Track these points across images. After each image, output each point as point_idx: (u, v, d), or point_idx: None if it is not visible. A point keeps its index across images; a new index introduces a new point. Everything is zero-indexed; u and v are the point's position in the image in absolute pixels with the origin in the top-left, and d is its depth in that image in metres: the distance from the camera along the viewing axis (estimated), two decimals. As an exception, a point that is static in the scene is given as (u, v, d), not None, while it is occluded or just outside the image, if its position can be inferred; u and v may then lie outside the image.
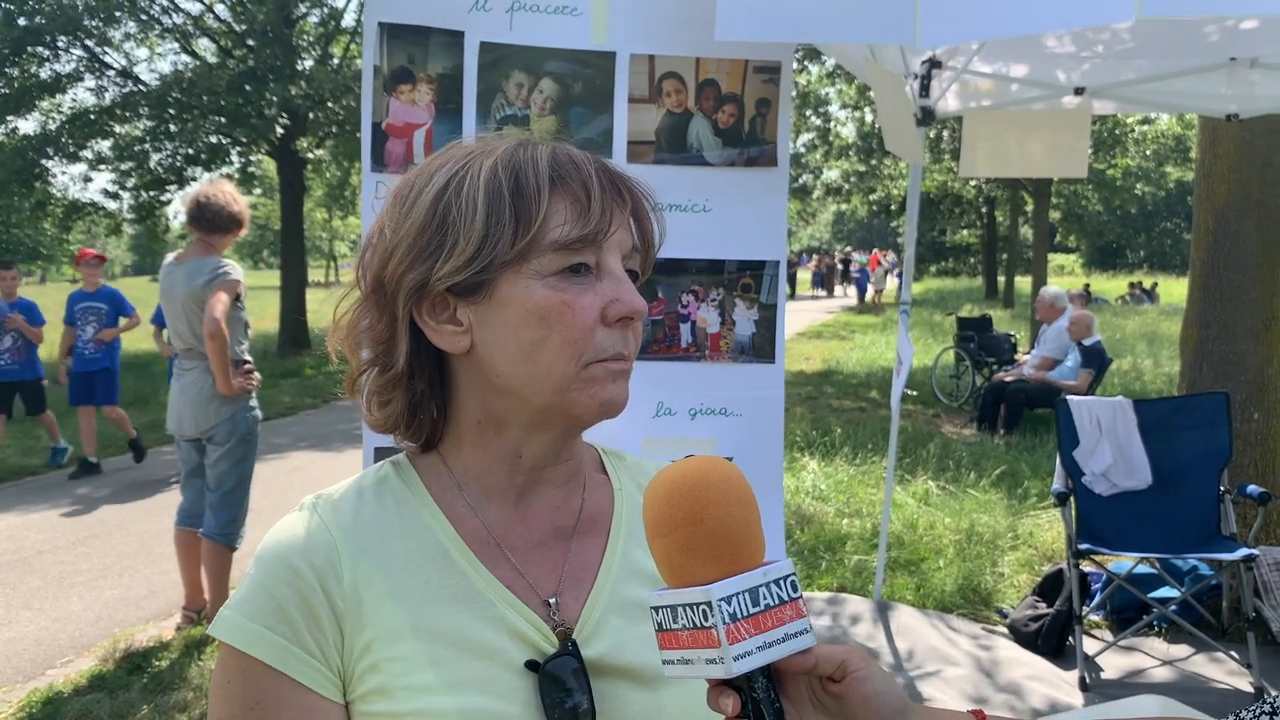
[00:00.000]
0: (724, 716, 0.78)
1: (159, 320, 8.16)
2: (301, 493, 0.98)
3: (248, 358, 4.91)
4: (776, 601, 0.78)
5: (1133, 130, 22.65)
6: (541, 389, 0.93)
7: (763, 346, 2.59)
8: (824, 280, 42.25)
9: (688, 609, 0.77)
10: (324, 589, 0.91)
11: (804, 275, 45.40)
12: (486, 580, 0.96)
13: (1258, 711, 0.88)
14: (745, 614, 0.76)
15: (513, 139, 0.98)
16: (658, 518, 0.80)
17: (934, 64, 4.69)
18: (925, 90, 4.70)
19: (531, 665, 0.93)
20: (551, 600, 0.97)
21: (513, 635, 0.94)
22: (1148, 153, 25.71)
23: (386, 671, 0.90)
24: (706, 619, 0.75)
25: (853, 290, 36.91)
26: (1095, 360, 9.79)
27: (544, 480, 1.02)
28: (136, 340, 22.48)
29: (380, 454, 2.21)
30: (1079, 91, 4.75)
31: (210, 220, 4.76)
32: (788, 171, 2.60)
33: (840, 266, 43.81)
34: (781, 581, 0.78)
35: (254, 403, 4.93)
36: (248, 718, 0.89)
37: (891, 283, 31.18)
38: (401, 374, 0.97)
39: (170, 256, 5.03)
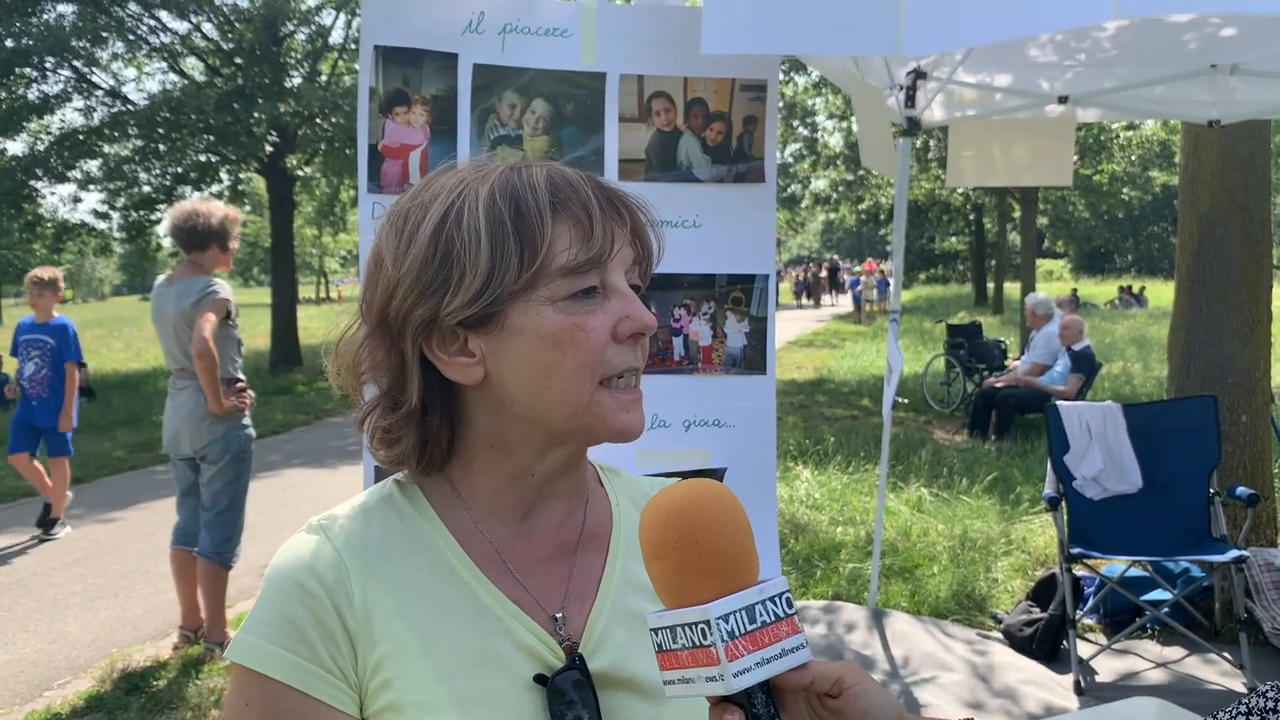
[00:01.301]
0: None
1: (16, 351, 7.12)
2: (296, 510, 0.99)
3: (241, 376, 4.91)
4: (773, 618, 0.80)
5: (1118, 136, 22.80)
6: (558, 413, 0.94)
7: (754, 358, 2.63)
8: (809, 290, 42.22)
9: (687, 629, 0.79)
10: (336, 608, 0.92)
11: (784, 285, 45.19)
12: (493, 596, 0.97)
13: (1234, 713, 0.91)
14: (743, 631, 0.78)
15: (503, 163, 0.98)
16: (654, 541, 0.82)
17: (919, 74, 4.74)
18: (911, 101, 4.74)
19: (540, 679, 0.94)
20: (558, 615, 0.99)
21: (520, 650, 0.95)
22: (1133, 158, 25.85)
23: (397, 688, 0.91)
24: (705, 637, 0.77)
25: (841, 299, 36.76)
26: (1085, 365, 9.84)
27: (551, 494, 1.03)
28: (127, 360, 22.45)
29: (380, 473, 2.24)
30: (1063, 100, 4.80)
31: (183, 238, 4.76)
32: (775, 187, 2.65)
33: (827, 275, 43.81)
34: (777, 598, 0.81)
35: (247, 421, 4.93)
36: None
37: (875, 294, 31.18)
38: (415, 410, 0.97)
39: (161, 277, 5.04)
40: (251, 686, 0.91)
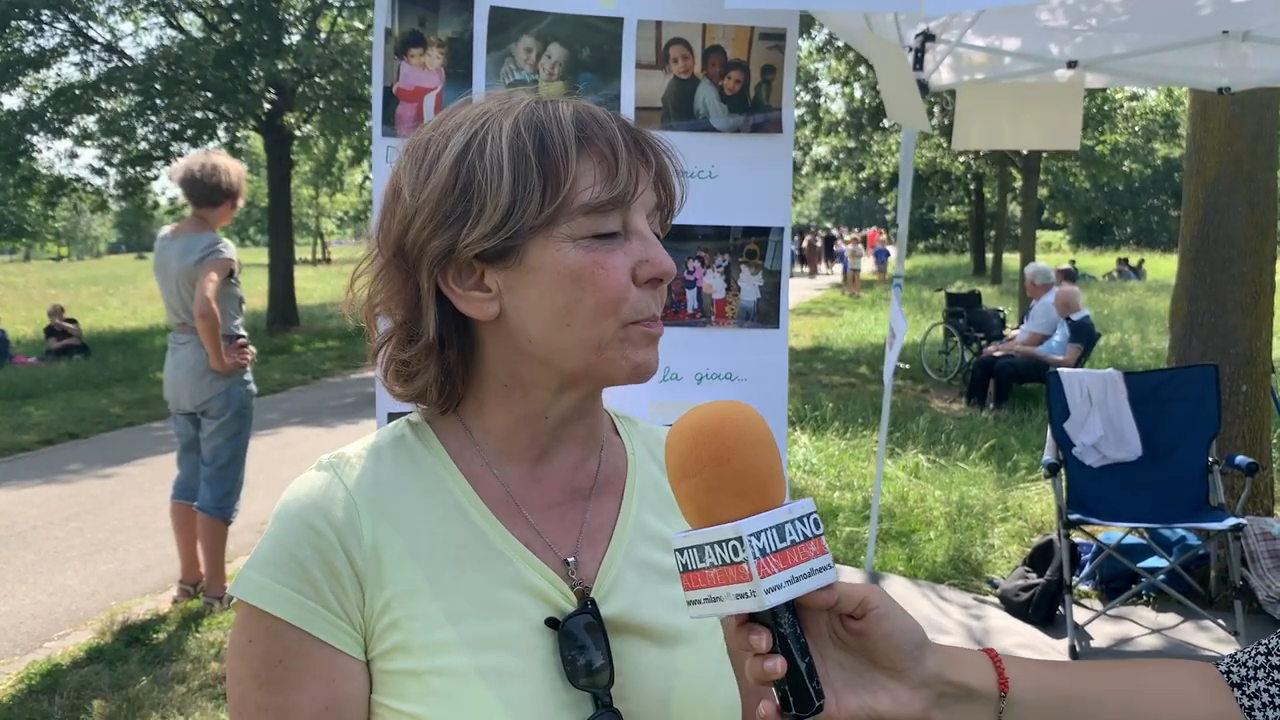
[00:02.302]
0: (753, 653, 0.79)
1: None
2: (295, 468, 0.97)
3: (242, 332, 4.89)
4: (801, 538, 0.79)
5: (1121, 106, 22.69)
6: (575, 353, 0.92)
7: (767, 312, 2.61)
8: (804, 258, 41.90)
9: (716, 546, 0.79)
10: (344, 548, 0.90)
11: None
12: (505, 539, 0.95)
13: (1254, 653, 0.91)
14: (774, 549, 0.77)
15: (530, 96, 0.96)
16: (684, 459, 0.81)
17: (928, 37, 4.69)
18: (919, 64, 4.70)
19: (551, 623, 0.93)
20: (570, 559, 0.97)
21: (531, 593, 0.94)
22: (1136, 129, 25.75)
23: (406, 629, 0.90)
24: (737, 554, 0.77)
25: (837, 268, 36.24)
26: (1083, 335, 9.84)
27: (565, 438, 1.01)
28: (123, 318, 22.41)
29: (394, 419, 2.24)
30: (1072, 65, 4.76)
31: (200, 193, 4.72)
32: (793, 138, 2.61)
33: (823, 245, 43.56)
34: (805, 519, 0.80)
35: (248, 377, 4.92)
36: (271, 676, 0.89)
37: (866, 264, 30.47)
38: (432, 344, 0.95)
39: (165, 230, 5.01)
40: (255, 624, 0.90)
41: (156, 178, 18.47)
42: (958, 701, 0.84)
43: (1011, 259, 29.94)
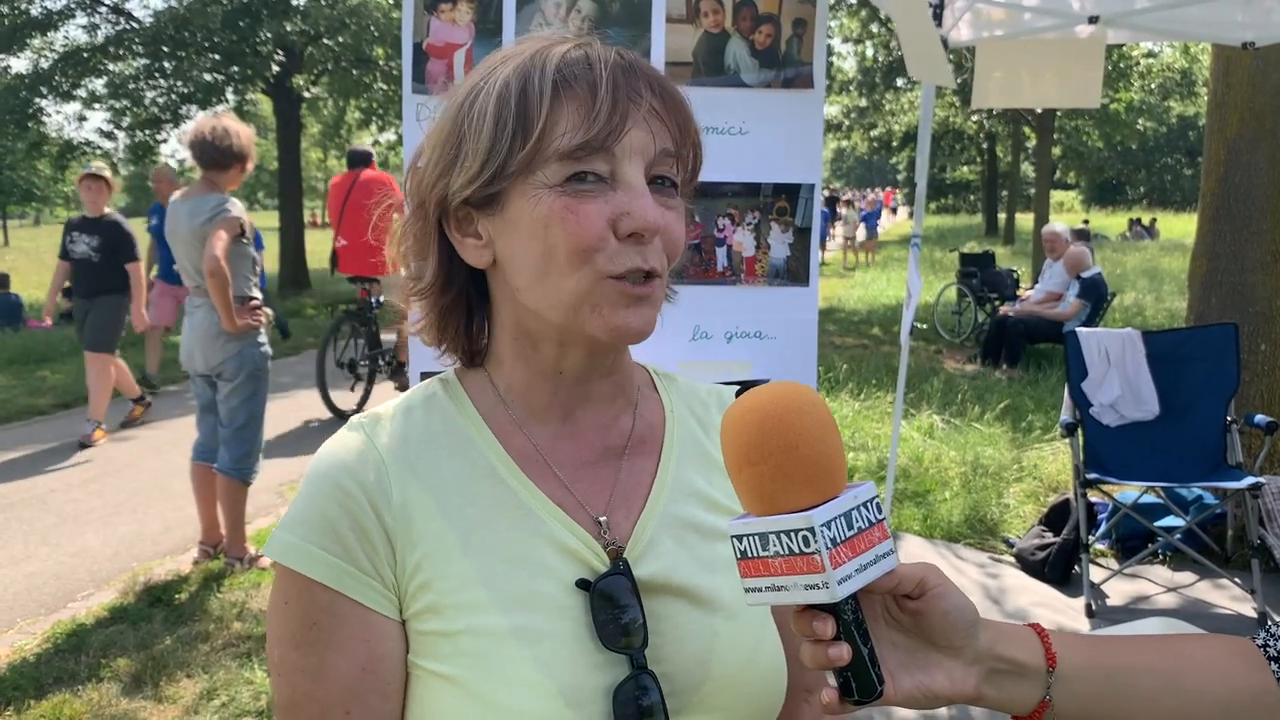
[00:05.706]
0: (815, 639, 0.78)
1: None
2: (308, 431, 0.97)
3: (255, 294, 4.90)
4: (866, 524, 0.78)
5: (1138, 64, 22.42)
6: (555, 305, 0.90)
7: (797, 270, 2.60)
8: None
9: (783, 536, 0.76)
10: (374, 508, 0.90)
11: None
12: (536, 498, 0.95)
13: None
14: (843, 538, 0.76)
15: (541, 41, 0.94)
16: (748, 446, 0.78)
17: (947, -7, 4.63)
18: (938, 20, 4.64)
19: (583, 584, 0.92)
20: (602, 518, 0.96)
21: (563, 553, 0.93)
22: (1152, 86, 25.44)
23: (437, 590, 0.90)
24: (808, 545, 0.75)
25: (838, 230, 33.46)
26: (1092, 292, 9.85)
27: (590, 396, 1.00)
28: (135, 282, 22.41)
29: (425, 378, 2.24)
30: (1093, 20, 4.69)
31: (210, 156, 4.72)
32: (824, 93, 2.58)
33: (826, 206, 43.04)
34: (869, 504, 0.79)
35: (263, 338, 4.92)
36: (306, 637, 0.89)
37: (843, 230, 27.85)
38: (430, 290, 0.99)
39: (175, 194, 5.01)
40: (289, 585, 0.90)
41: (166, 141, 18.39)
42: (1008, 677, 0.85)
43: (1024, 219, 29.77)
